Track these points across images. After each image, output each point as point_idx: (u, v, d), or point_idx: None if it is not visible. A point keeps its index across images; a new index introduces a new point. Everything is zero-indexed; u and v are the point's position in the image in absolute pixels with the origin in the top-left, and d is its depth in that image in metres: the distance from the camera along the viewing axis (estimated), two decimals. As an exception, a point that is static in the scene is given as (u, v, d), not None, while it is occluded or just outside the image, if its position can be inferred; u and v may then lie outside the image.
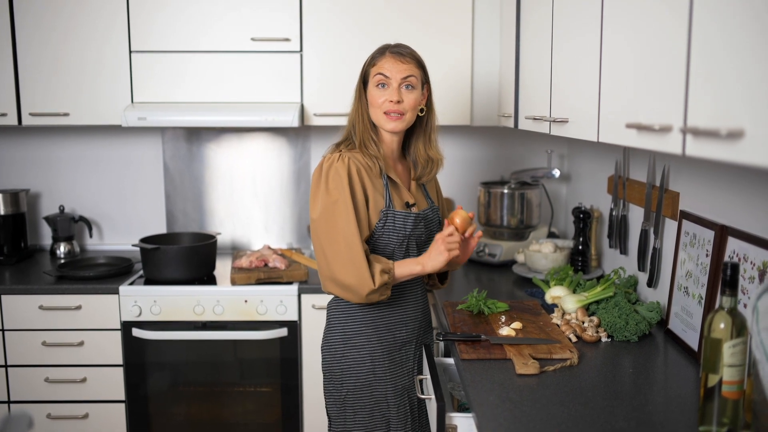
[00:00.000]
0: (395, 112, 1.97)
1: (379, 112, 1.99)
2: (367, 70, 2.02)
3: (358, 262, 1.87)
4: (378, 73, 1.98)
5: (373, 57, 2.03)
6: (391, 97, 1.96)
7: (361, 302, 1.92)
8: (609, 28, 1.65)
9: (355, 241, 1.88)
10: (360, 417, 2.03)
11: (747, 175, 1.73)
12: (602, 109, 1.69)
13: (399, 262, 1.97)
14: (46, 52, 2.95)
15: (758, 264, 1.65)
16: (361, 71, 2.05)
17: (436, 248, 1.96)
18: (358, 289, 1.88)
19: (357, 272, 1.87)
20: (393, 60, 1.98)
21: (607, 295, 2.21)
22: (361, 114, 2.03)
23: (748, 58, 1.02)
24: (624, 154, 2.54)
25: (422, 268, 1.96)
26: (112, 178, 3.45)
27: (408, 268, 1.96)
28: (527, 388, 1.68)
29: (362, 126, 2.02)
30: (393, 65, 1.97)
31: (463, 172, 3.44)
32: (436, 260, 1.95)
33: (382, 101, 1.97)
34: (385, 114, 1.98)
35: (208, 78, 2.99)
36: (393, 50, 2.00)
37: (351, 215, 1.90)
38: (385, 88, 1.98)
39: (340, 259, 1.89)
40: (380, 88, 1.98)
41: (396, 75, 1.97)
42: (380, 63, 1.99)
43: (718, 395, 1.36)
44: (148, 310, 2.80)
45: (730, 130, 1.03)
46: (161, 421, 2.89)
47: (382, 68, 1.98)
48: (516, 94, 2.66)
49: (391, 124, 1.98)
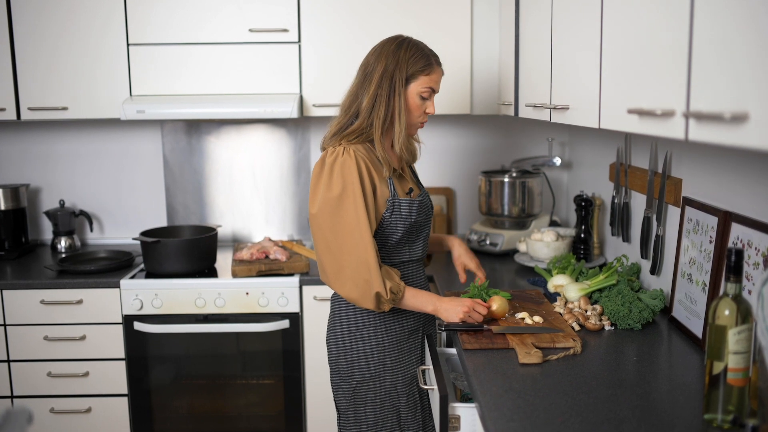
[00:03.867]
0: (425, 122, 2.03)
1: (415, 119, 2.00)
2: (417, 75, 1.95)
3: (369, 258, 1.84)
4: (430, 87, 1.98)
5: (427, 65, 1.96)
6: (431, 109, 2.00)
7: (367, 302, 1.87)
8: (609, 13, 1.63)
9: (366, 236, 1.85)
10: (371, 408, 2.02)
11: (750, 160, 1.72)
12: (603, 95, 1.67)
13: (414, 290, 1.95)
14: (44, 46, 2.94)
15: (762, 250, 1.64)
16: (405, 68, 1.94)
17: (457, 308, 1.94)
18: (366, 286, 1.85)
19: (367, 268, 1.85)
20: (440, 73, 2.01)
21: (609, 283, 2.20)
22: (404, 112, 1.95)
23: (751, 41, 1.00)
24: (626, 140, 2.52)
25: (433, 311, 1.96)
26: (112, 172, 3.43)
27: (421, 301, 1.95)
28: (530, 377, 1.67)
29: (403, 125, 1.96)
30: (440, 79, 2.01)
31: (463, 162, 3.42)
32: (450, 315, 1.94)
33: (423, 111, 1.99)
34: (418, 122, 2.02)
35: (206, 70, 2.97)
36: (437, 61, 2.01)
37: (361, 210, 1.86)
38: (427, 98, 1.99)
39: (348, 255, 1.86)
40: (423, 98, 1.98)
41: (438, 88, 2.02)
42: (433, 76, 1.98)
43: (723, 383, 1.35)
44: (149, 303, 2.80)
45: (734, 114, 1.01)
46: (164, 414, 2.89)
47: (433, 82, 1.98)
48: (516, 81, 2.64)
49: (418, 130, 2.06)
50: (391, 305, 1.89)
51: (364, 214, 1.86)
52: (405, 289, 1.92)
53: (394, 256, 2.03)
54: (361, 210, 1.86)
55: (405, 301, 1.93)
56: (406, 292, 1.92)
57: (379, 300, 1.86)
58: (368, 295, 1.85)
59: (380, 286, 1.84)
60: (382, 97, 1.93)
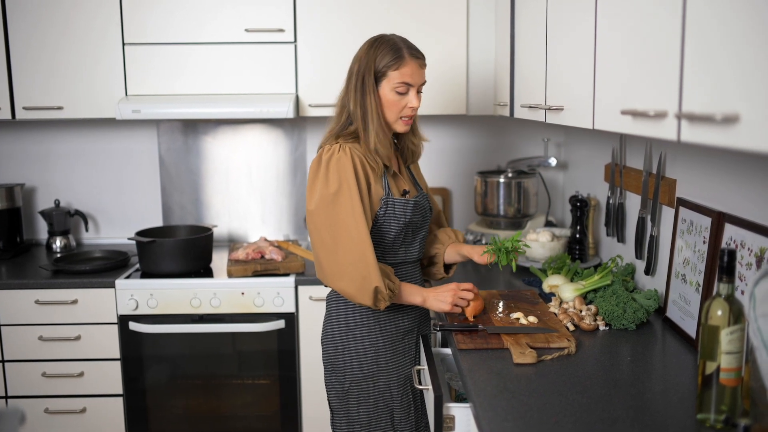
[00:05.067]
0: (410, 116, 1.99)
1: (395, 115, 1.98)
2: (386, 71, 1.94)
3: (367, 254, 1.85)
4: (403, 82, 1.94)
5: (395, 59, 1.93)
6: (413, 103, 1.97)
7: (364, 298, 1.87)
8: (603, 15, 1.64)
9: (363, 232, 1.86)
10: (364, 408, 2.02)
11: (744, 161, 1.72)
12: (597, 96, 1.68)
13: (404, 284, 1.98)
14: (39, 45, 2.93)
15: (755, 250, 1.64)
16: (372, 66, 1.95)
17: (444, 295, 1.98)
18: (364, 282, 1.85)
19: (365, 263, 1.85)
20: (415, 66, 1.95)
21: (604, 284, 2.20)
22: (374, 110, 1.95)
23: (742, 43, 1.01)
24: (620, 141, 2.53)
25: (422, 302, 1.99)
26: (107, 172, 3.43)
27: (409, 293, 1.98)
28: (525, 377, 1.67)
29: (377, 123, 1.95)
30: (415, 71, 1.95)
31: (459, 162, 3.43)
32: (439, 305, 1.98)
33: (403, 106, 1.97)
34: (400, 118, 1.98)
35: (202, 70, 2.97)
36: (412, 53, 1.96)
37: (357, 206, 1.87)
38: (405, 93, 1.96)
39: (345, 251, 1.87)
40: (399, 94, 1.96)
41: (417, 81, 1.97)
42: (404, 69, 1.94)
43: (716, 382, 1.35)
44: (144, 303, 2.79)
45: (725, 115, 1.02)
46: (159, 414, 2.89)
47: (405, 76, 1.94)
48: (511, 82, 2.65)
49: (405, 127, 2.01)
50: (387, 303, 1.90)
51: (360, 211, 1.87)
52: (400, 286, 1.95)
53: (390, 257, 2.03)
54: (358, 206, 1.87)
55: (398, 297, 1.96)
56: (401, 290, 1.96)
57: (377, 295, 1.86)
58: (365, 291, 1.86)
59: (379, 280, 1.85)
60: (357, 98, 1.96)
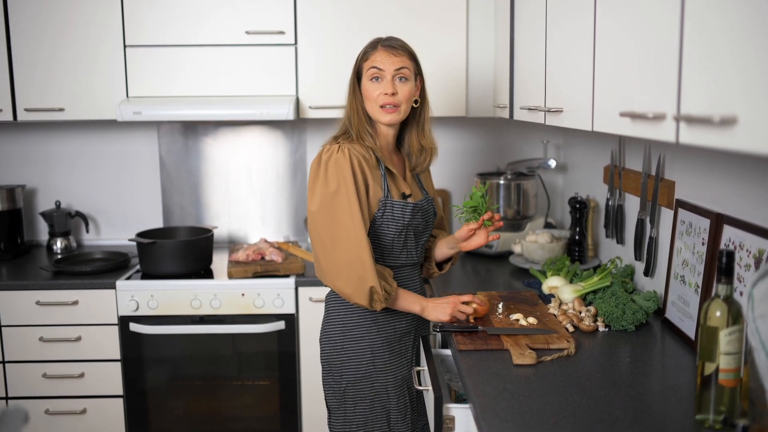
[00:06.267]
0: (390, 104, 1.98)
1: (375, 106, 1.99)
2: (360, 64, 2.03)
3: (363, 254, 1.86)
4: (372, 66, 1.98)
5: (366, 51, 2.03)
6: (385, 89, 1.97)
7: (360, 298, 1.88)
8: (602, 17, 1.65)
9: (360, 233, 1.88)
10: (360, 409, 2.03)
11: (742, 162, 1.73)
12: (596, 98, 1.69)
13: (404, 291, 1.99)
14: (41, 47, 2.94)
15: (754, 252, 1.65)
16: (354, 66, 2.05)
17: (443, 306, 1.98)
18: (360, 282, 1.86)
19: (361, 263, 1.87)
20: (386, 53, 1.98)
21: (603, 285, 2.21)
22: (356, 108, 2.03)
23: (740, 45, 1.02)
24: (619, 143, 2.54)
25: (421, 311, 2.00)
26: (108, 173, 3.44)
27: (408, 301, 1.99)
28: (524, 378, 1.68)
29: (358, 119, 2.02)
30: (386, 58, 1.98)
31: (458, 164, 3.43)
32: (437, 316, 1.99)
33: (377, 94, 1.98)
34: (381, 107, 1.98)
35: (203, 72, 2.98)
36: (385, 43, 2.01)
37: (355, 207, 1.89)
38: (379, 81, 1.98)
39: (342, 251, 1.88)
40: (374, 82, 1.98)
41: (389, 68, 1.97)
42: (373, 57, 1.99)
43: (714, 383, 1.36)
44: (145, 304, 2.80)
45: (723, 117, 1.03)
46: (160, 415, 2.89)
47: (375, 62, 1.98)
48: (511, 84, 2.66)
49: (387, 117, 1.99)
50: (383, 305, 1.90)
51: (357, 211, 1.89)
52: (397, 290, 1.96)
53: (390, 260, 2.04)
54: (355, 207, 1.89)
55: (396, 302, 1.97)
56: (397, 293, 1.96)
57: (373, 295, 1.87)
58: (361, 290, 1.87)
59: (374, 280, 1.86)
60: (347, 99, 2.06)
